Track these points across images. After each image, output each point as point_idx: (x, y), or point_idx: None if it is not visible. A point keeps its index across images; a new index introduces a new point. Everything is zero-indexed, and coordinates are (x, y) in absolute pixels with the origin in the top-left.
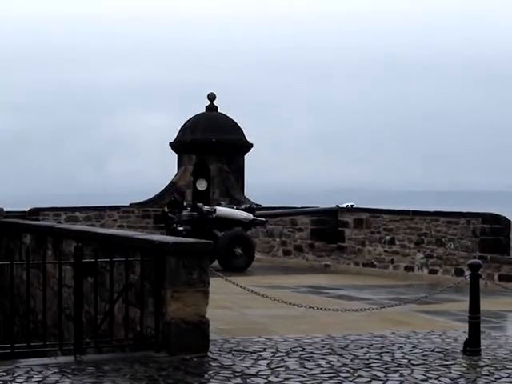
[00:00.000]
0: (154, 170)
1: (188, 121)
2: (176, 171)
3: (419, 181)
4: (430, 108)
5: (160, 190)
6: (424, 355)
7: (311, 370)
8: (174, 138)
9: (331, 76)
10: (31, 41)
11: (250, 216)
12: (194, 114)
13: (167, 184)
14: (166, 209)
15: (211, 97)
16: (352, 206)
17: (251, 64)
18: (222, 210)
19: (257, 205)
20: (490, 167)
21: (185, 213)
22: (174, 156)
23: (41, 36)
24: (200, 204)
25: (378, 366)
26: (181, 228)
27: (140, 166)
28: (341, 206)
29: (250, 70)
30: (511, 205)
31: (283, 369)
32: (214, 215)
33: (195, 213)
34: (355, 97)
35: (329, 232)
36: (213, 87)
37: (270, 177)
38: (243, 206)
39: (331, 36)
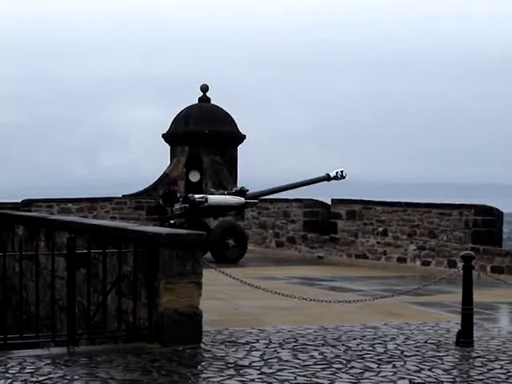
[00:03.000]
0: (145, 161)
1: (181, 112)
2: (169, 163)
3: (409, 174)
4: (420, 102)
5: (153, 182)
6: (417, 346)
7: (304, 361)
8: (167, 129)
9: (322, 69)
10: (21, 34)
11: (241, 200)
12: (186, 106)
13: (160, 175)
14: (160, 201)
15: (204, 88)
16: (342, 172)
17: (244, 56)
18: (214, 198)
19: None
20: (478, 160)
21: (176, 206)
22: (167, 148)
23: (31, 29)
24: (190, 195)
25: (370, 358)
26: (172, 222)
27: (131, 157)
28: (331, 174)
29: (243, 61)
30: (500, 196)
31: (276, 360)
32: (205, 204)
33: (187, 205)
34: (347, 90)
35: (321, 223)
36: (205, 79)
37: (263, 168)
38: (234, 190)
39: (324, 28)
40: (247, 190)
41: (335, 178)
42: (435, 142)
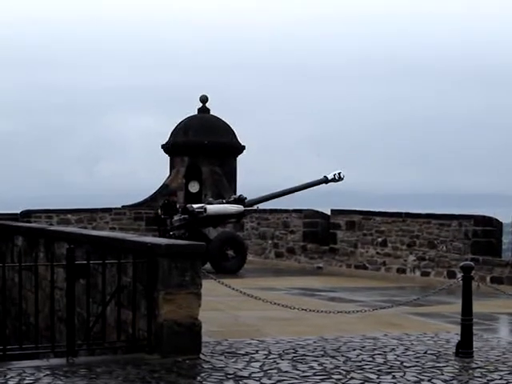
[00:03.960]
0: (145, 172)
1: (180, 123)
2: (168, 173)
3: (408, 184)
4: (418, 111)
5: (152, 192)
6: (416, 357)
7: (304, 372)
8: (167, 140)
9: (320, 79)
10: (16, 41)
11: (240, 207)
12: (186, 117)
13: (159, 186)
14: (159, 211)
15: (203, 99)
16: (340, 173)
17: (241, 65)
18: (213, 208)
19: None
20: (478, 170)
21: (176, 217)
22: (166, 158)
23: (27, 37)
24: (189, 205)
25: (370, 368)
26: (172, 233)
27: (131, 168)
28: (329, 176)
29: (242, 71)
30: (499, 207)
31: (276, 371)
32: (205, 214)
33: (186, 215)
34: (343, 99)
35: (321, 234)
36: (204, 89)
37: (262, 178)
38: (232, 198)
39: (320, 38)
40: (245, 198)
41: (333, 180)
42: (434, 152)
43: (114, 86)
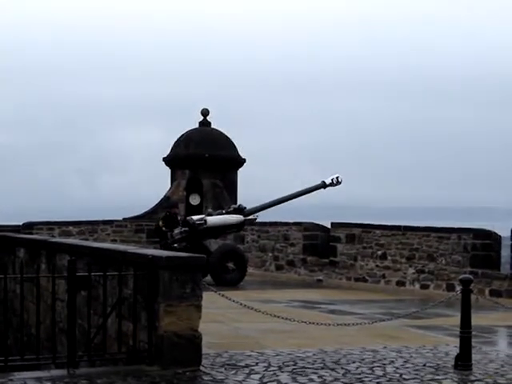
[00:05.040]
0: (146, 184)
1: (181, 136)
2: (169, 186)
3: (407, 197)
4: (419, 123)
5: (153, 205)
6: (415, 370)
7: None
8: (168, 153)
9: (320, 90)
10: (17, 55)
11: (240, 217)
12: (187, 130)
13: (160, 199)
14: (160, 223)
15: (204, 112)
16: (338, 177)
17: (245, 78)
18: (213, 220)
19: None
20: (476, 183)
21: (176, 231)
22: (167, 171)
23: (28, 51)
24: (189, 218)
25: (369, 381)
26: (174, 246)
27: (132, 180)
28: (327, 181)
29: (244, 83)
30: (498, 220)
31: (275, 383)
32: (205, 226)
33: (187, 228)
34: (344, 112)
35: (321, 247)
36: (205, 103)
37: (262, 191)
38: (231, 208)
39: (318, 48)
40: (245, 208)
41: (331, 184)
42: (432, 165)
43: (116, 100)
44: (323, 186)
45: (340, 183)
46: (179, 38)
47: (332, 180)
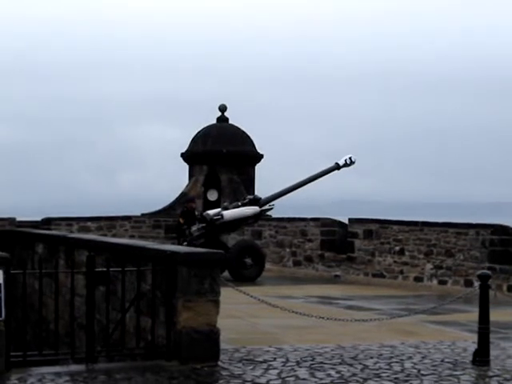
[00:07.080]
0: (164, 180)
1: (199, 132)
2: (187, 182)
3: (423, 193)
4: (433, 121)
5: (171, 201)
6: (433, 365)
7: (321, 379)
8: (186, 148)
9: (336, 89)
10: (34, 53)
11: (256, 208)
12: (205, 126)
13: (178, 194)
14: (180, 220)
15: (222, 108)
16: (351, 158)
17: (262, 75)
18: (229, 214)
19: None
20: (490, 179)
21: (194, 228)
22: (185, 167)
23: (45, 49)
24: (205, 213)
25: (387, 376)
26: (194, 243)
27: (150, 176)
28: (340, 162)
29: (261, 80)
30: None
31: (293, 378)
32: (222, 220)
33: (204, 224)
34: (360, 110)
35: (339, 243)
36: (222, 99)
37: (279, 187)
38: (247, 199)
39: (332, 48)
40: (260, 198)
41: (345, 165)
42: (447, 160)
43: (133, 96)
44: (337, 167)
45: (354, 163)
46: (203, 36)
47: (345, 161)
